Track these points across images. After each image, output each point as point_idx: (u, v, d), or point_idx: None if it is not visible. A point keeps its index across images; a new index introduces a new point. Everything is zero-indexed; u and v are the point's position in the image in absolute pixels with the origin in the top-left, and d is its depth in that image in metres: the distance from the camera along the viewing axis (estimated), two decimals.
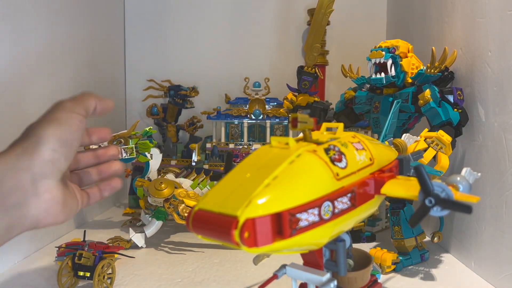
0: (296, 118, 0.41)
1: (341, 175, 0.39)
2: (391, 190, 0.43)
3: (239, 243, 0.32)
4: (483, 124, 0.79)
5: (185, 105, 1.33)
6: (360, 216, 0.43)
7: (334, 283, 0.43)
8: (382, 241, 1.01)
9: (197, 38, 1.50)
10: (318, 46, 1.30)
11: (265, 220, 0.33)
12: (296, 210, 0.35)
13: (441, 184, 0.40)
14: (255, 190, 0.34)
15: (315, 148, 0.40)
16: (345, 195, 0.40)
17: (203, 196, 0.35)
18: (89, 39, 1.17)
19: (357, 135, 0.47)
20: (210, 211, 0.34)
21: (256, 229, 0.33)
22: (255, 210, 0.33)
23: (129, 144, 0.91)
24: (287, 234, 0.34)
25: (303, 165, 0.37)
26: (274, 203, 0.34)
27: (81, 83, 1.11)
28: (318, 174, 0.38)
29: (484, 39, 0.79)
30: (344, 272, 0.43)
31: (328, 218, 0.37)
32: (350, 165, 0.41)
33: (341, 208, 0.39)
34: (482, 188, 0.78)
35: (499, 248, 0.73)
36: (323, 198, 0.37)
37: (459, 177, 0.44)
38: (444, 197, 0.39)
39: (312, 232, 0.36)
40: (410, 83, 0.87)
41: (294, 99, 1.07)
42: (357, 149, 0.44)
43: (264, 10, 1.50)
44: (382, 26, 1.49)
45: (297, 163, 0.37)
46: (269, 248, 0.34)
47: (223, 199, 0.35)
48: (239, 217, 0.32)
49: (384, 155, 0.48)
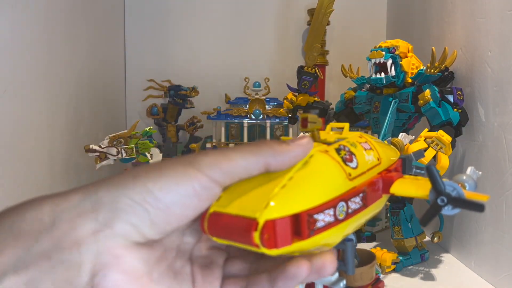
0: (306, 118, 0.41)
1: (353, 175, 0.40)
2: (401, 190, 0.43)
3: (259, 245, 0.32)
4: (483, 124, 0.79)
5: (185, 105, 1.33)
6: (368, 216, 0.43)
7: (343, 282, 0.43)
8: (382, 241, 1.01)
9: (197, 38, 1.50)
10: (318, 46, 1.30)
11: (285, 222, 0.33)
12: (314, 211, 0.35)
13: (452, 183, 0.40)
14: (272, 191, 0.33)
15: (327, 148, 0.40)
16: (358, 195, 0.40)
17: (217, 199, 0.34)
18: (89, 39, 1.17)
19: (364, 135, 0.46)
20: (227, 213, 0.33)
21: (276, 231, 0.32)
22: (274, 212, 0.33)
23: (129, 144, 0.91)
24: (306, 235, 0.34)
25: (317, 166, 0.37)
26: (292, 204, 0.34)
27: (80, 83, 1.11)
28: (333, 174, 0.38)
29: (484, 39, 0.79)
30: (352, 271, 0.43)
31: (342, 219, 0.37)
32: (361, 165, 0.41)
33: (354, 208, 0.39)
34: (482, 188, 0.78)
35: (499, 248, 0.73)
36: (338, 198, 0.37)
37: (465, 176, 0.44)
38: (456, 196, 0.39)
39: (328, 232, 0.36)
40: (410, 83, 0.87)
41: (294, 99, 1.07)
42: (365, 149, 0.44)
43: (264, 10, 1.50)
44: (382, 26, 1.49)
45: (311, 163, 0.37)
46: (288, 249, 0.34)
47: (240, 201, 0.34)
48: (258, 219, 0.32)
49: (389, 155, 0.48)
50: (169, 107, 1.34)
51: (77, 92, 1.09)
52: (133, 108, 1.49)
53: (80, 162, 1.09)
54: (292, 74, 1.18)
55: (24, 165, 0.84)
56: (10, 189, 0.78)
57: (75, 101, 1.07)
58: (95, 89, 1.19)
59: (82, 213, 0.26)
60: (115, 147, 0.90)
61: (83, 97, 1.12)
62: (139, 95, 1.42)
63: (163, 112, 1.34)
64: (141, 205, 0.27)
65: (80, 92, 1.10)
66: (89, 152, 0.91)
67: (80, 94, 1.10)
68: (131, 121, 1.48)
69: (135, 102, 1.47)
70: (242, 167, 0.31)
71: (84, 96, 1.12)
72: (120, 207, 0.27)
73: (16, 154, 0.81)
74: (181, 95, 1.31)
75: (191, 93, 1.31)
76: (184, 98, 1.31)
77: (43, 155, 0.91)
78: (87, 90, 1.14)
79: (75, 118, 1.07)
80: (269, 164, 0.32)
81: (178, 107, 1.33)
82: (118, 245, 0.27)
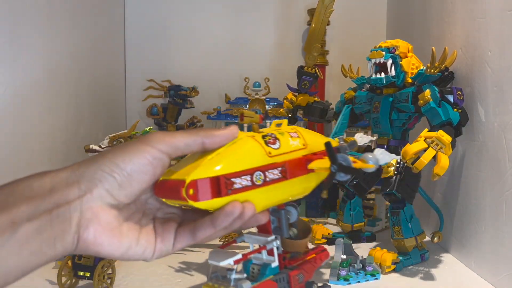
0: (242, 114, 0.63)
1: (273, 154, 0.52)
2: (313, 164, 0.55)
3: (186, 198, 0.43)
4: (483, 124, 0.79)
5: (185, 105, 1.33)
6: (294, 188, 0.55)
7: (276, 242, 0.57)
8: (382, 241, 1.01)
9: (197, 38, 1.50)
10: (318, 46, 1.30)
11: (205, 181, 0.44)
12: (231, 175, 0.46)
13: (344, 156, 0.52)
14: (202, 162, 0.46)
15: (254, 134, 0.53)
16: (276, 168, 0.52)
17: (165, 172, 0.45)
18: (89, 39, 1.17)
19: (297, 128, 0.60)
20: (168, 179, 0.45)
21: (198, 188, 0.44)
22: (198, 175, 0.44)
23: None
24: (223, 193, 0.45)
25: (241, 145, 0.50)
26: (213, 170, 0.45)
27: (81, 83, 1.11)
28: (253, 151, 0.50)
29: (484, 39, 0.79)
30: (286, 234, 0.58)
31: (260, 184, 0.50)
32: (283, 147, 0.54)
33: (272, 177, 0.51)
34: (482, 188, 0.79)
35: (499, 248, 0.73)
36: (255, 169, 0.49)
37: (370, 155, 0.56)
38: (345, 165, 0.51)
39: (246, 193, 0.48)
40: (410, 83, 0.87)
41: (294, 99, 1.07)
42: (292, 136, 0.57)
43: (264, 10, 1.50)
44: (382, 26, 1.49)
45: (237, 144, 0.49)
46: (210, 203, 0.45)
47: (178, 171, 0.46)
48: (186, 180, 0.43)
49: (319, 143, 0.59)
50: (169, 107, 1.34)
51: (77, 92, 1.09)
52: (133, 108, 1.49)
53: None
54: (292, 74, 1.18)
55: (24, 165, 0.84)
56: None
57: (75, 101, 1.07)
58: (95, 89, 1.19)
59: (70, 183, 0.37)
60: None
61: (83, 97, 1.12)
62: (139, 95, 1.42)
63: (163, 112, 1.34)
64: (110, 174, 0.38)
65: (80, 92, 1.10)
66: (89, 152, 0.91)
67: (80, 94, 1.10)
68: (131, 121, 1.48)
69: (135, 102, 1.47)
70: (183, 142, 0.42)
71: (84, 96, 1.12)
72: (96, 177, 0.38)
73: (16, 154, 0.81)
74: (181, 95, 1.31)
75: (191, 93, 1.31)
76: (184, 98, 1.31)
77: (43, 155, 0.91)
78: (87, 90, 1.14)
79: (75, 118, 1.07)
80: (205, 142, 0.43)
81: (178, 107, 1.33)
82: (97, 206, 0.38)
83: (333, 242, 0.97)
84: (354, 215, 0.98)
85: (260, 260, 0.60)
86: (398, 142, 0.91)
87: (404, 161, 0.75)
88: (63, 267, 0.71)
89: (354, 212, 0.98)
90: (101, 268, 0.70)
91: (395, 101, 0.88)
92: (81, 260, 0.70)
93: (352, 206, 0.98)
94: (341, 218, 1.00)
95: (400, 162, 0.85)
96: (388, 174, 0.84)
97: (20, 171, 0.82)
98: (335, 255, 0.79)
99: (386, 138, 0.92)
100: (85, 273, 0.70)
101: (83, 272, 0.70)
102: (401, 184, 0.83)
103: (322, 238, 0.98)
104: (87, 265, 0.70)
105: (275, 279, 0.58)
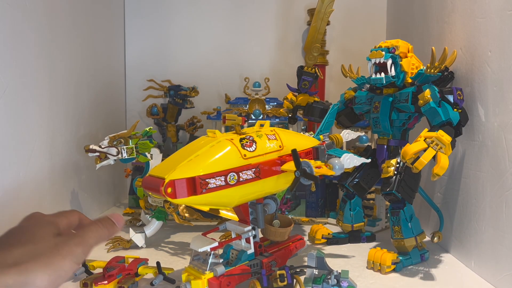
0: (225, 117, 0.77)
1: (248, 156, 0.58)
2: (284, 166, 0.60)
3: (165, 195, 0.51)
4: (483, 124, 0.79)
5: (185, 105, 1.33)
6: (267, 186, 0.62)
7: (252, 232, 0.65)
8: (382, 241, 1.01)
9: (197, 38, 1.50)
10: (318, 46, 1.30)
11: (182, 181, 0.52)
12: (206, 176, 0.54)
13: (308, 163, 0.57)
14: (181, 163, 0.53)
15: (233, 137, 0.59)
16: (250, 169, 0.58)
17: (154, 167, 0.55)
18: (89, 39, 1.17)
19: (276, 129, 0.65)
20: (153, 175, 0.53)
21: (175, 187, 0.52)
22: (176, 175, 0.52)
23: (129, 144, 0.91)
24: (199, 192, 0.53)
25: (218, 148, 0.56)
26: (190, 171, 0.53)
27: (80, 83, 1.11)
28: (228, 154, 0.56)
29: (484, 39, 0.79)
30: (262, 225, 0.65)
31: (233, 184, 0.56)
32: (259, 149, 0.60)
33: (245, 178, 0.58)
34: (482, 188, 0.79)
35: (499, 248, 0.73)
36: (229, 170, 0.56)
37: (337, 160, 0.61)
38: (306, 172, 0.57)
39: (220, 192, 0.55)
40: (410, 83, 0.87)
41: (294, 99, 1.07)
42: (269, 139, 0.62)
43: (264, 10, 1.50)
44: (382, 26, 1.49)
45: (215, 146, 0.56)
46: (186, 200, 0.53)
47: (162, 168, 0.54)
48: (165, 179, 0.51)
49: (298, 144, 0.65)
50: (169, 107, 1.34)
51: (77, 92, 1.09)
52: (133, 108, 1.49)
53: (80, 162, 1.09)
54: (292, 74, 1.18)
55: (24, 165, 0.84)
56: (10, 189, 0.78)
57: (75, 101, 1.07)
58: (95, 89, 1.19)
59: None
60: (115, 147, 0.90)
61: (83, 97, 1.12)
62: (139, 95, 1.42)
63: (163, 112, 1.34)
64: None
65: (80, 92, 1.10)
66: (89, 152, 0.91)
67: (80, 94, 1.10)
68: (131, 121, 1.48)
69: (135, 102, 1.47)
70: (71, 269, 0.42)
71: (84, 96, 1.12)
72: None
73: (16, 154, 0.81)
74: (181, 95, 1.31)
75: (191, 93, 1.31)
76: (184, 98, 1.31)
77: (43, 155, 0.91)
78: (87, 90, 1.14)
79: (75, 118, 1.07)
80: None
81: (178, 107, 1.33)
82: None
83: (333, 242, 0.98)
84: (354, 215, 0.98)
85: (239, 247, 0.67)
86: (398, 142, 0.91)
87: (404, 161, 0.75)
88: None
89: (354, 212, 0.98)
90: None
91: (395, 101, 0.88)
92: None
93: (352, 206, 0.98)
94: (341, 218, 1.00)
95: (400, 162, 0.85)
96: (388, 174, 0.84)
97: (20, 171, 0.83)
98: (307, 270, 0.70)
99: (386, 138, 0.92)
100: None
101: None
102: (401, 184, 0.83)
103: (322, 238, 0.98)
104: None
105: (249, 264, 0.65)
